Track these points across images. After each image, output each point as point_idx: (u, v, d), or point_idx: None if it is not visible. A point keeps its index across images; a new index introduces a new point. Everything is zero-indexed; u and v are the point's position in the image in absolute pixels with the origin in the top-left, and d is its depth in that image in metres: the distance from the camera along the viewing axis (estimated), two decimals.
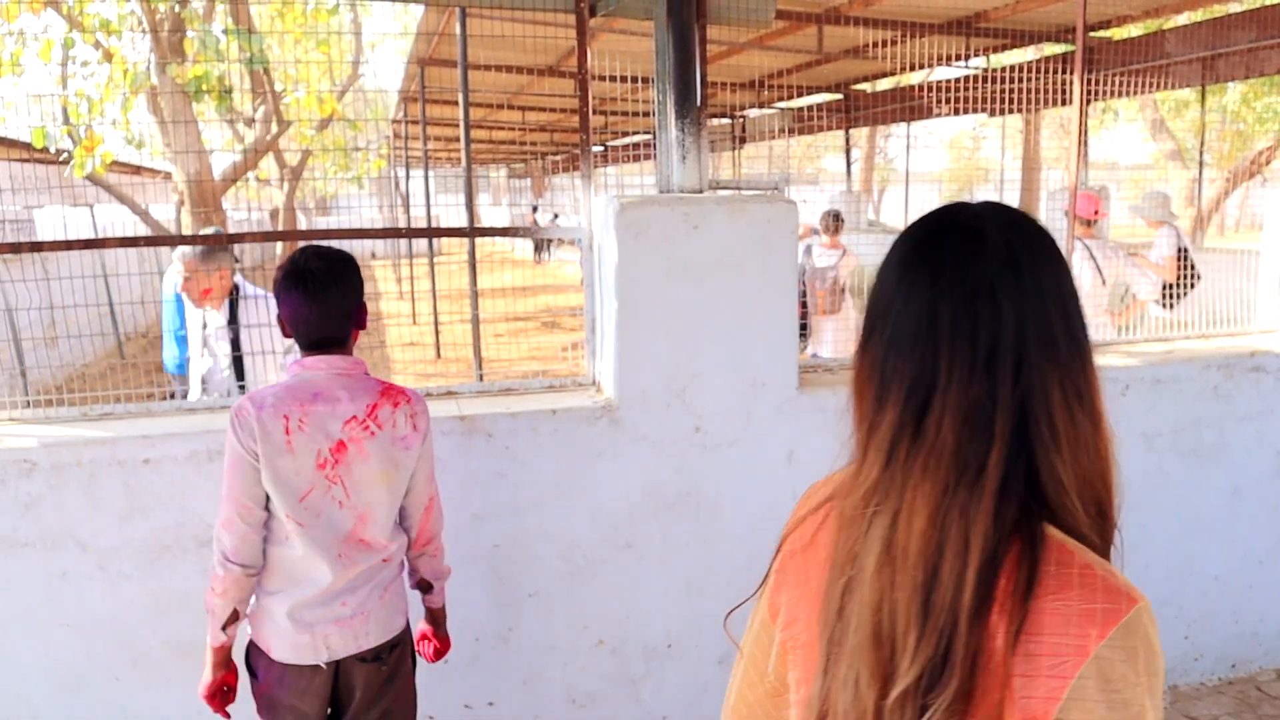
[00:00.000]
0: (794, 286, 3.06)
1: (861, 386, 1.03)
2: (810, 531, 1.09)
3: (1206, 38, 7.57)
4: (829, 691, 0.98)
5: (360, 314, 2.23)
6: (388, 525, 2.22)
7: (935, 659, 0.90)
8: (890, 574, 0.94)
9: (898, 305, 0.98)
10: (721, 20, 3.26)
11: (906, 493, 0.94)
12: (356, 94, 13.67)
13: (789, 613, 1.10)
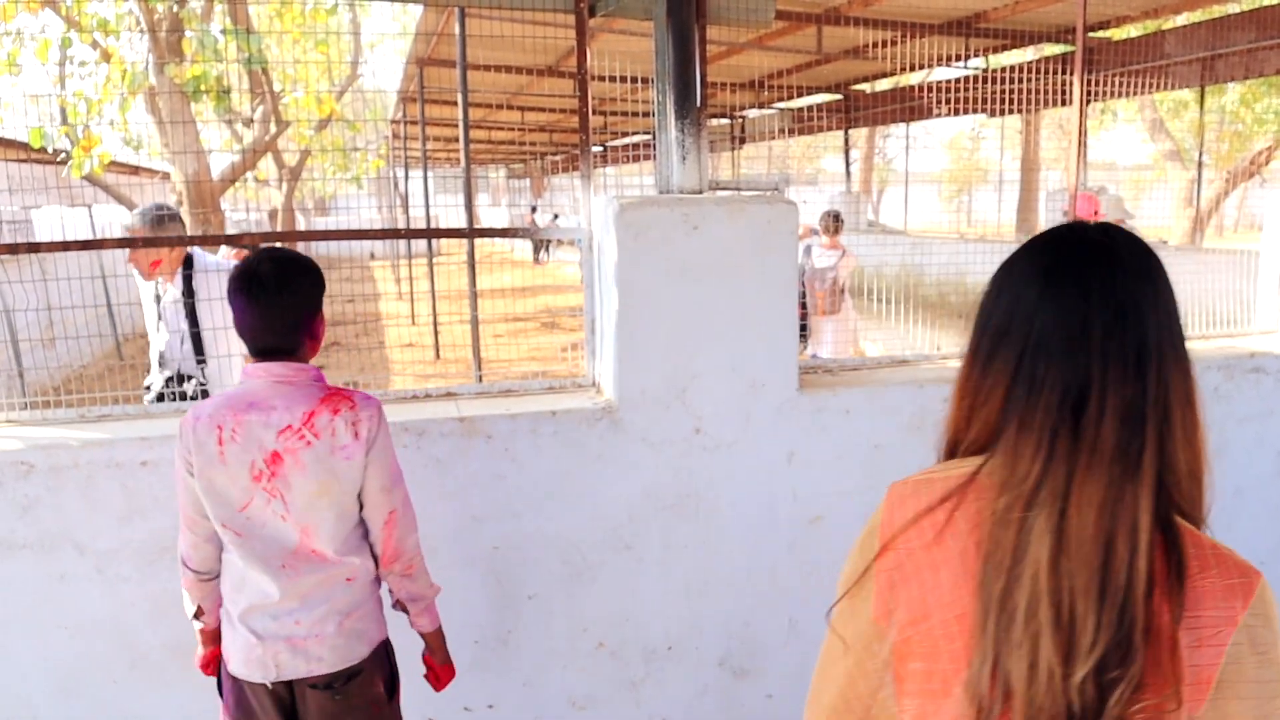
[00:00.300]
0: (794, 287, 3.05)
1: (991, 384, 1.13)
2: (933, 530, 1.14)
3: (1205, 38, 7.58)
4: (996, 677, 1.05)
5: (313, 324, 2.11)
6: (339, 538, 2.09)
7: (1116, 639, 1.01)
8: (1066, 563, 1.03)
9: (1044, 316, 1.09)
10: (721, 20, 3.25)
11: (1074, 488, 1.04)
12: (355, 94, 13.67)
13: (912, 609, 1.15)
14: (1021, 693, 1.04)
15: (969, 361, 1.18)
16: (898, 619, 1.15)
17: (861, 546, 1.22)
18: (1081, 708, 1.02)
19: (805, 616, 3.25)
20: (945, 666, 1.12)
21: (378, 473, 2.10)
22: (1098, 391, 1.05)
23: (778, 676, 3.27)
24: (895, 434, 3.25)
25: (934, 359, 3.62)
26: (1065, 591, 1.03)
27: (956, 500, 1.13)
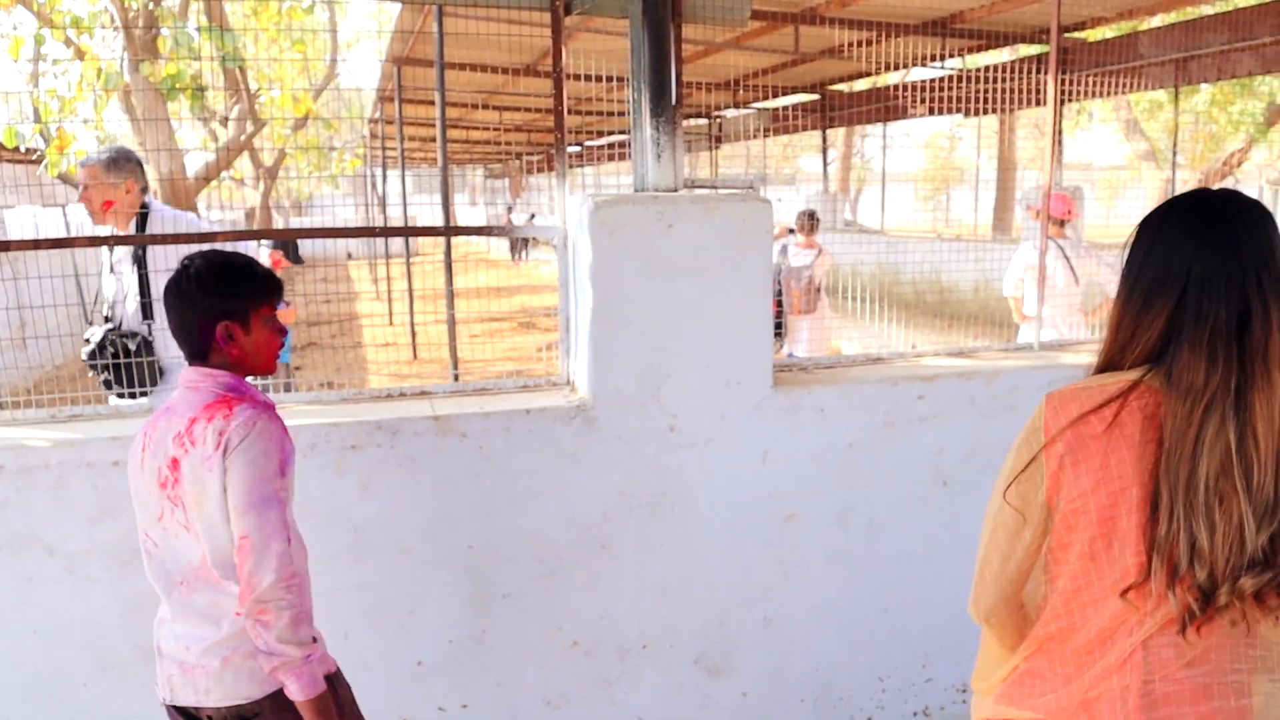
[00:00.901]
0: (768, 285, 3.06)
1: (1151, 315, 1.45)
2: (1102, 424, 1.43)
3: (1179, 40, 7.65)
4: (1183, 535, 1.35)
5: (213, 329, 2.01)
6: (220, 560, 1.96)
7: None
8: (1251, 445, 1.34)
9: (1203, 264, 1.42)
10: (697, 19, 3.26)
11: (1250, 387, 1.36)
12: (332, 93, 13.61)
13: (1081, 487, 1.44)
14: (1210, 550, 1.34)
15: (1123, 301, 1.51)
16: (1064, 496, 1.46)
17: (1026, 442, 1.53)
18: (1262, 556, 1.34)
19: (780, 615, 3.26)
20: (1119, 531, 1.42)
21: (233, 489, 1.90)
22: (1260, 316, 1.38)
23: (753, 675, 3.28)
24: (870, 432, 3.27)
25: (908, 357, 3.63)
26: (1254, 468, 1.34)
27: (1122, 401, 1.44)
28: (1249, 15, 7.03)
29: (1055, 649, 1.53)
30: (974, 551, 3.35)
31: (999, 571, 1.60)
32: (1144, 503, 1.40)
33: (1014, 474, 1.53)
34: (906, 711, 3.53)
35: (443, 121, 7.84)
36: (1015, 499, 1.53)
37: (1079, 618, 1.48)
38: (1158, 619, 1.42)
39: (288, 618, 1.89)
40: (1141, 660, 1.43)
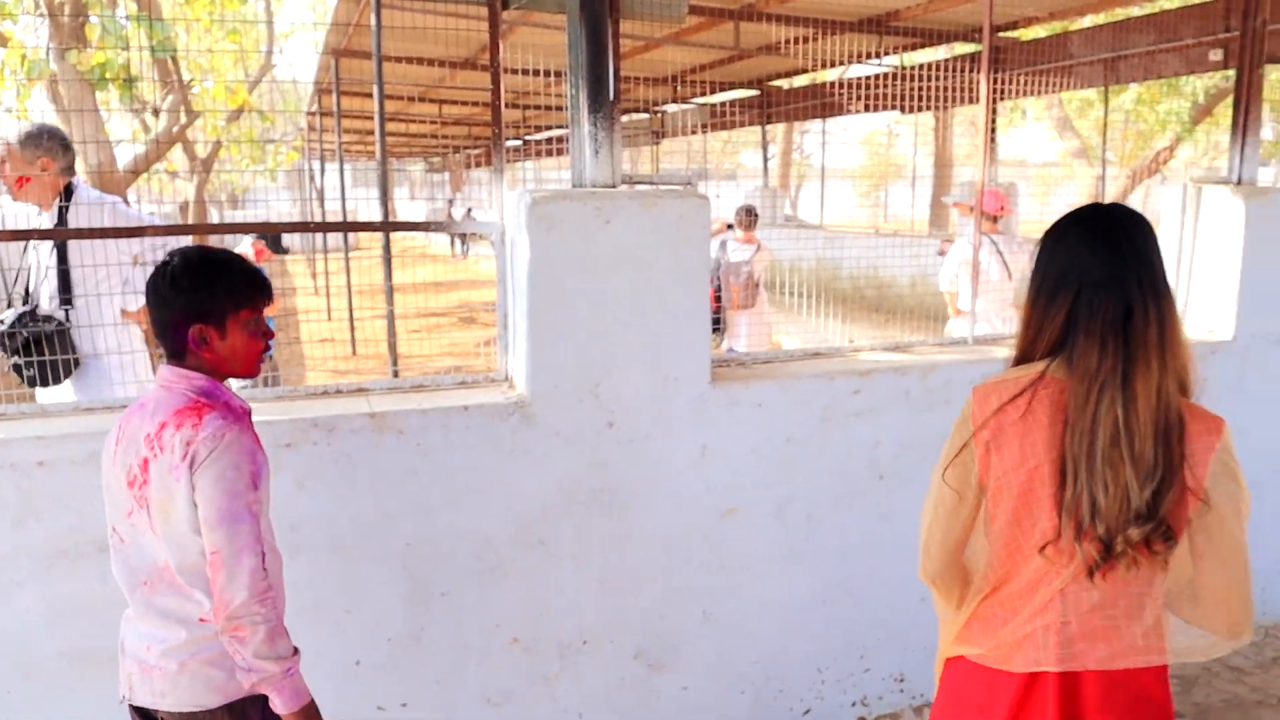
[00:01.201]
0: (706, 281, 3.07)
1: (1053, 313, 1.73)
2: (1018, 411, 1.73)
3: (1108, 40, 7.81)
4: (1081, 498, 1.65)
5: (186, 330, 1.97)
6: (184, 569, 1.94)
7: (1167, 463, 1.63)
8: (1134, 420, 1.62)
9: (1095, 269, 1.69)
10: (634, 15, 3.25)
11: (1132, 371, 1.64)
12: (269, 85, 13.37)
13: (1005, 464, 1.74)
14: (1106, 508, 1.63)
15: (1033, 300, 1.78)
16: (994, 473, 1.75)
17: (958, 430, 1.82)
18: (1145, 510, 1.62)
19: (719, 608, 3.28)
20: (1035, 499, 1.71)
21: (203, 504, 1.88)
22: (1142, 312, 1.65)
23: (693, 668, 3.29)
24: (808, 426, 3.30)
25: (845, 352, 3.67)
26: (1136, 439, 1.62)
27: (1033, 391, 1.72)
28: (1174, 17, 7.21)
29: (996, 598, 1.83)
30: (911, 543, 3.40)
31: (942, 542, 1.87)
32: (1054, 475, 1.70)
33: (948, 459, 1.82)
34: (845, 702, 3.57)
35: (381, 115, 7.74)
36: (952, 480, 1.82)
37: (1011, 572, 1.79)
38: (1071, 570, 1.72)
39: (263, 633, 1.88)
40: (1060, 604, 1.74)
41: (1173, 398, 1.67)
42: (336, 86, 10.13)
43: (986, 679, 1.83)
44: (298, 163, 17.69)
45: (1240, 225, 3.91)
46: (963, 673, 1.91)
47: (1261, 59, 3.94)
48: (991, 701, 1.82)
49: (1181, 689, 3.79)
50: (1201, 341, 3.97)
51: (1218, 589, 1.72)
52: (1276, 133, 11.67)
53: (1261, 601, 4.28)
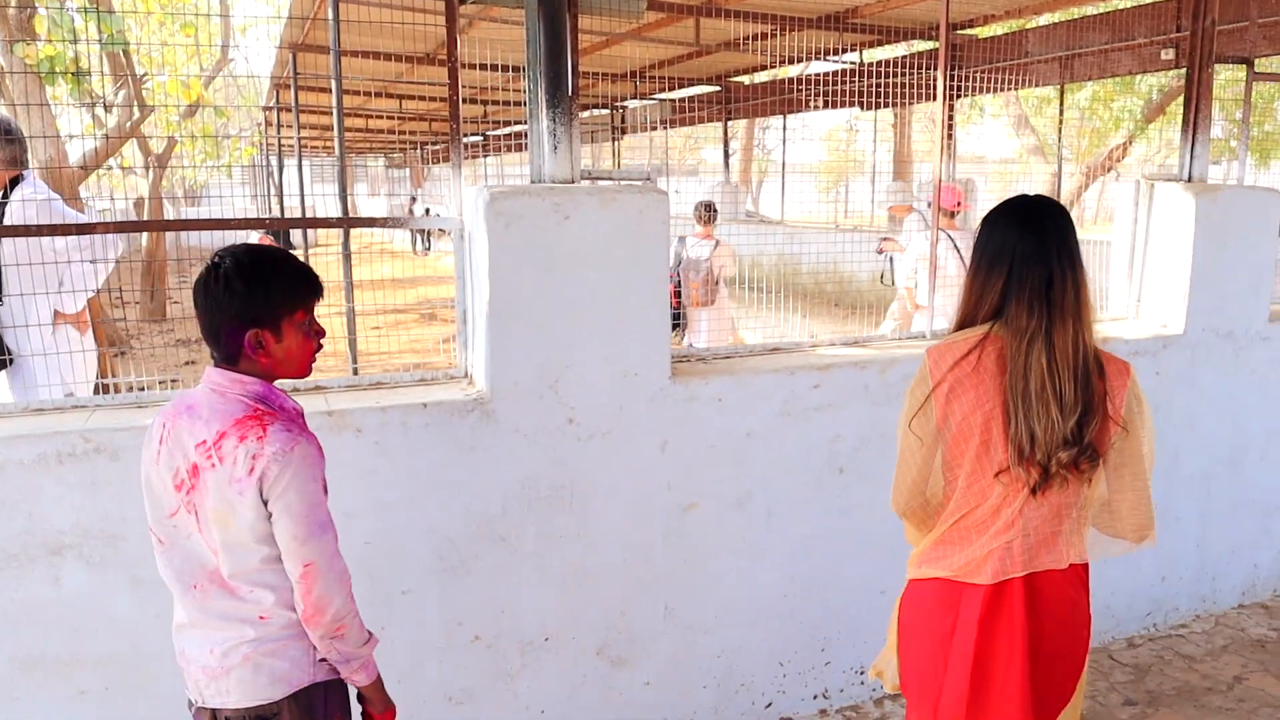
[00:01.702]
0: (665, 277, 3.08)
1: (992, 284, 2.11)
2: (970, 366, 2.09)
3: (1064, 39, 7.92)
4: (1023, 431, 2.02)
5: (242, 335, 1.92)
6: (242, 573, 1.94)
7: (1087, 400, 2.03)
8: (1056, 367, 2.01)
9: (1024, 246, 2.07)
10: (593, 10, 3.25)
11: (1054, 328, 2.03)
12: (226, 79, 13.20)
13: (964, 411, 2.09)
14: (1041, 437, 2.00)
15: (973, 274, 2.16)
16: (952, 421, 2.11)
17: (917, 386, 2.16)
18: (1073, 438, 2.02)
19: (681, 603, 3.29)
20: (992, 436, 2.07)
21: (287, 521, 1.88)
22: (1059, 279, 2.05)
23: (655, 664, 3.30)
24: (767, 421, 3.31)
25: (805, 347, 3.69)
26: (1059, 381, 2.01)
27: (980, 348, 2.09)
28: (1128, 16, 7.32)
29: (960, 524, 2.17)
30: (869, 537, 3.44)
31: (910, 480, 2.22)
32: (1004, 414, 2.06)
33: (912, 413, 2.16)
34: (807, 695, 3.60)
35: (339, 110, 7.66)
36: (917, 429, 2.16)
37: (975, 500, 2.14)
38: (1024, 495, 2.08)
39: (357, 624, 2.00)
40: (1020, 523, 2.11)
41: (1088, 346, 2.06)
42: (294, 81, 10.01)
43: (954, 592, 2.17)
44: (255, 158, 17.49)
45: (1190, 221, 3.98)
46: (930, 591, 2.22)
47: (1211, 58, 4.01)
48: (962, 611, 2.14)
49: (1135, 677, 3.86)
50: (1154, 336, 4.03)
51: (1129, 501, 2.18)
52: (1227, 131, 11.87)
53: (1213, 590, 4.37)
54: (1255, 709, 3.63)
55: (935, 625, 2.19)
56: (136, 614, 2.67)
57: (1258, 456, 4.38)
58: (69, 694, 2.65)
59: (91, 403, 2.86)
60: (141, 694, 2.71)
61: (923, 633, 2.22)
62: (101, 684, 2.67)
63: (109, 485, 2.61)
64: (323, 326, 2.06)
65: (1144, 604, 4.24)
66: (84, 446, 2.58)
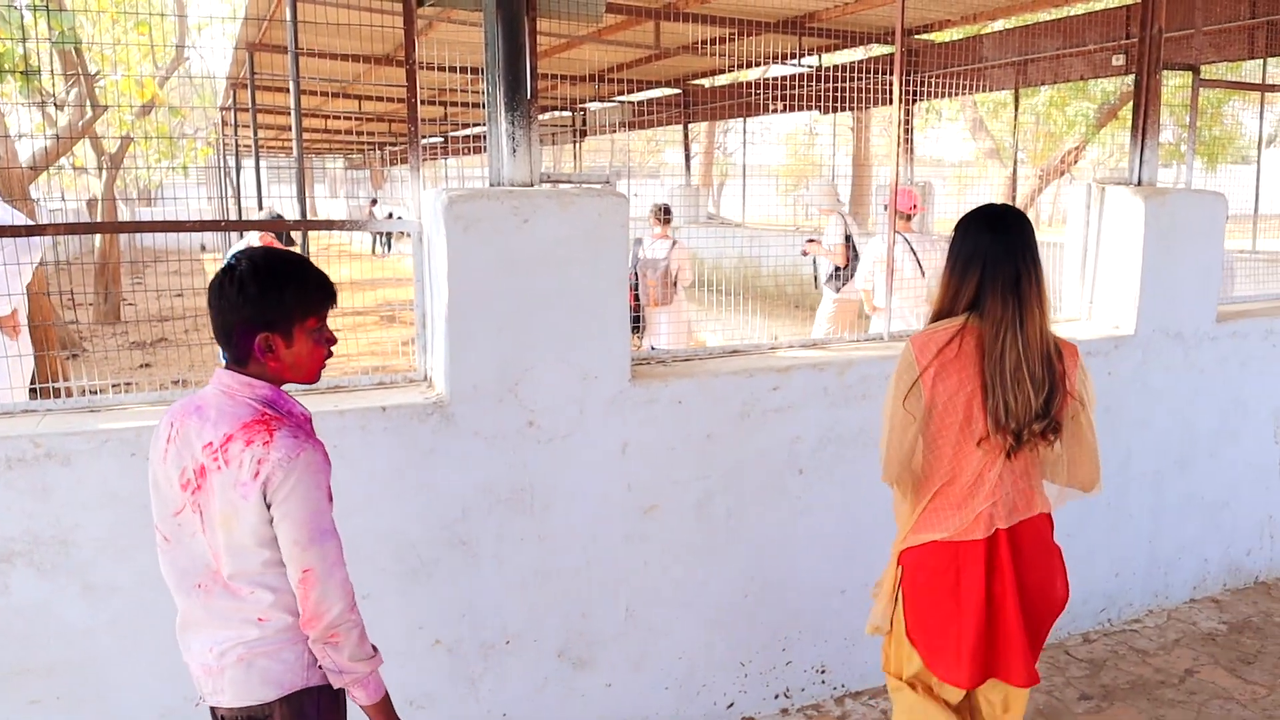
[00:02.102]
0: (625, 280, 3.08)
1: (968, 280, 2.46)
2: (955, 349, 2.44)
3: (1018, 44, 8.03)
4: (1000, 405, 2.39)
5: (251, 339, 1.92)
6: (243, 575, 1.94)
7: (1053, 380, 2.42)
8: (1028, 352, 2.38)
9: (994, 249, 2.44)
10: (551, 14, 3.25)
11: (1024, 318, 2.39)
12: (181, 79, 13.04)
13: (948, 391, 2.44)
14: (1016, 411, 2.38)
15: (949, 272, 2.53)
16: (939, 400, 2.45)
17: (905, 373, 2.48)
18: (1043, 412, 2.41)
19: (642, 605, 3.30)
20: (974, 411, 2.43)
21: (289, 526, 1.89)
22: (1026, 277, 2.42)
23: (616, 665, 3.31)
24: (726, 423, 3.33)
25: (764, 349, 3.72)
26: (1030, 363, 2.39)
27: (960, 336, 2.45)
28: (1080, 23, 7.45)
29: (947, 492, 2.52)
30: (829, 537, 3.47)
31: (900, 452, 2.52)
32: (981, 392, 2.42)
33: (903, 394, 2.48)
34: (768, 694, 3.62)
35: (297, 111, 7.59)
36: (910, 408, 2.48)
37: (960, 466, 2.49)
38: (1001, 459, 2.46)
39: (355, 636, 1.96)
40: (1001, 485, 2.50)
41: (1048, 333, 2.45)
42: (251, 82, 9.92)
43: (954, 550, 2.52)
44: (212, 158, 17.29)
45: (1140, 224, 4.05)
46: (930, 553, 2.55)
47: (1159, 65, 4.09)
48: (965, 565, 2.50)
49: (1090, 672, 3.92)
50: (1106, 337, 4.11)
51: (1084, 459, 2.59)
52: (1177, 135, 12.09)
53: (1165, 585, 4.45)
54: (1206, 701, 3.70)
55: (941, 579, 2.53)
56: (89, 621, 2.63)
57: (1207, 454, 4.47)
58: (20, 703, 2.61)
59: (43, 407, 2.82)
60: (95, 702, 2.67)
61: (932, 587, 2.56)
62: (53, 693, 2.63)
63: (60, 491, 2.57)
64: (334, 334, 2.05)
65: (1099, 600, 4.32)
66: (34, 452, 2.54)
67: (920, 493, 2.57)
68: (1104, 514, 4.24)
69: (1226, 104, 14.23)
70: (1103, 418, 4.10)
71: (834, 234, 7.34)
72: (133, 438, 2.62)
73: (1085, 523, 4.19)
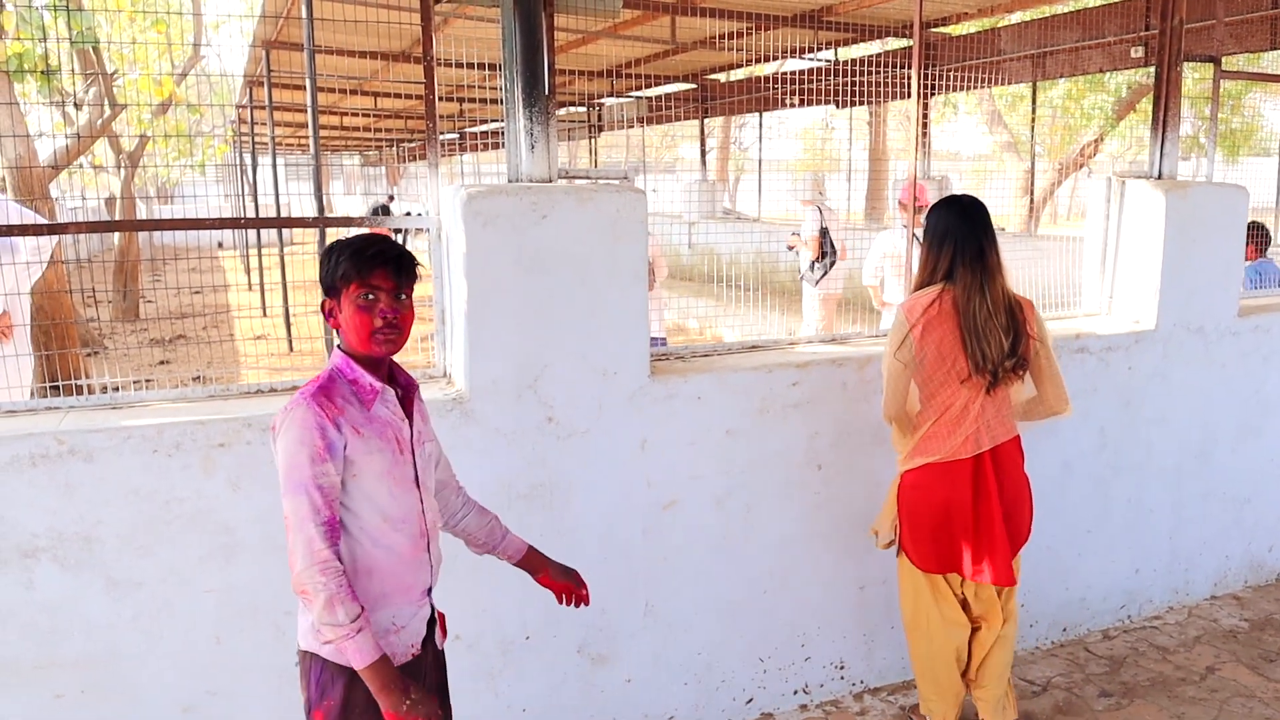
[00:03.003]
0: (644, 275, 3.08)
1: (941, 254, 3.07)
2: (936, 310, 3.00)
3: (1036, 37, 7.97)
4: (977, 351, 2.97)
5: (323, 305, 2.10)
6: None
7: (1017, 328, 3.03)
8: (993, 308, 2.99)
9: (963, 229, 3.04)
10: (569, 9, 3.25)
11: (987, 283, 3.01)
12: (198, 77, 13.08)
13: (934, 342, 3.01)
14: (990, 354, 2.96)
15: (927, 249, 3.11)
16: (927, 350, 3.01)
17: (898, 329, 3.05)
18: (1010, 352, 2.99)
19: (661, 601, 3.30)
20: (956, 357, 3.00)
21: (279, 472, 2.01)
22: (987, 249, 3.04)
23: (635, 661, 3.31)
24: (746, 418, 3.33)
25: (782, 344, 3.71)
26: (997, 315, 2.99)
27: (939, 299, 3.02)
28: (1098, 15, 7.38)
29: (940, 423, 3.07)
30: (847, 532, 3.46)
31: (899, 396, 3.11)
32: (960, 342, 3.00)
33: (896, 346, 3.05)
34: (787, 690, 3.62)
35: (314, 108, 7.62)
36: (903, 357, 3.05)
37: (948, 402, 3.06)
38: (980, 394, 3.04)
39: (322, 599, 1.95)
40: (982, 413, 3.07)
41: (1008, 292, 3.06)
42: (268, 79, 9.96)
43: (946, 469, 3.09)
44: (229, 156, 17.36)
45: (1161, 217, 4.02)
46: (927, 471, 3.11)
47: (1180, 57, 4.06)
48: (955, 480, 3.08)
49: (1110, 669, 3.90)
50: (1127, 332, 4.08)
51: (1051, 387, 3.17)
52: (1196, 127, 12.00)
53: (1186, 581, 4.42)
54: (1228, 699, 3.68)
55: (936, 493, 3.10)
56: (112, 616, 2.65)
57: (1228, 449, 4.44)
58: (45, 697, 2.63)
59: (65, 404, 2.84)
60: (120, 696, 2.69)
61: (928, 500, 3.12)
62: (78, 687, 2.65)
63: (83, 487, 2.59)
64: (389, 307, 2.05)
65: (1118, 596, 4.29)
66: (57, 448, 2.56)
67: (916, 427, 3.14)
68: (1124, 510, 4.22)
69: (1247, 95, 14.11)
70: (1122, 413, 4.10)
71: (810, 226, 7.40)
72: (154, 434, 2.63)
73: (1105, 518, 4.17)
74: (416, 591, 2.18)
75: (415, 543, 2.15)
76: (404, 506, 2.13)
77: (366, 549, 2.08)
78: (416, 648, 2.20)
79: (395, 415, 2.13)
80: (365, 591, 2.08)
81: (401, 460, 2.12)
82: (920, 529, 3.15)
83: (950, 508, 3.09)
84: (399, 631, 2.16)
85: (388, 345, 2.07)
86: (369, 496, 2.07)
